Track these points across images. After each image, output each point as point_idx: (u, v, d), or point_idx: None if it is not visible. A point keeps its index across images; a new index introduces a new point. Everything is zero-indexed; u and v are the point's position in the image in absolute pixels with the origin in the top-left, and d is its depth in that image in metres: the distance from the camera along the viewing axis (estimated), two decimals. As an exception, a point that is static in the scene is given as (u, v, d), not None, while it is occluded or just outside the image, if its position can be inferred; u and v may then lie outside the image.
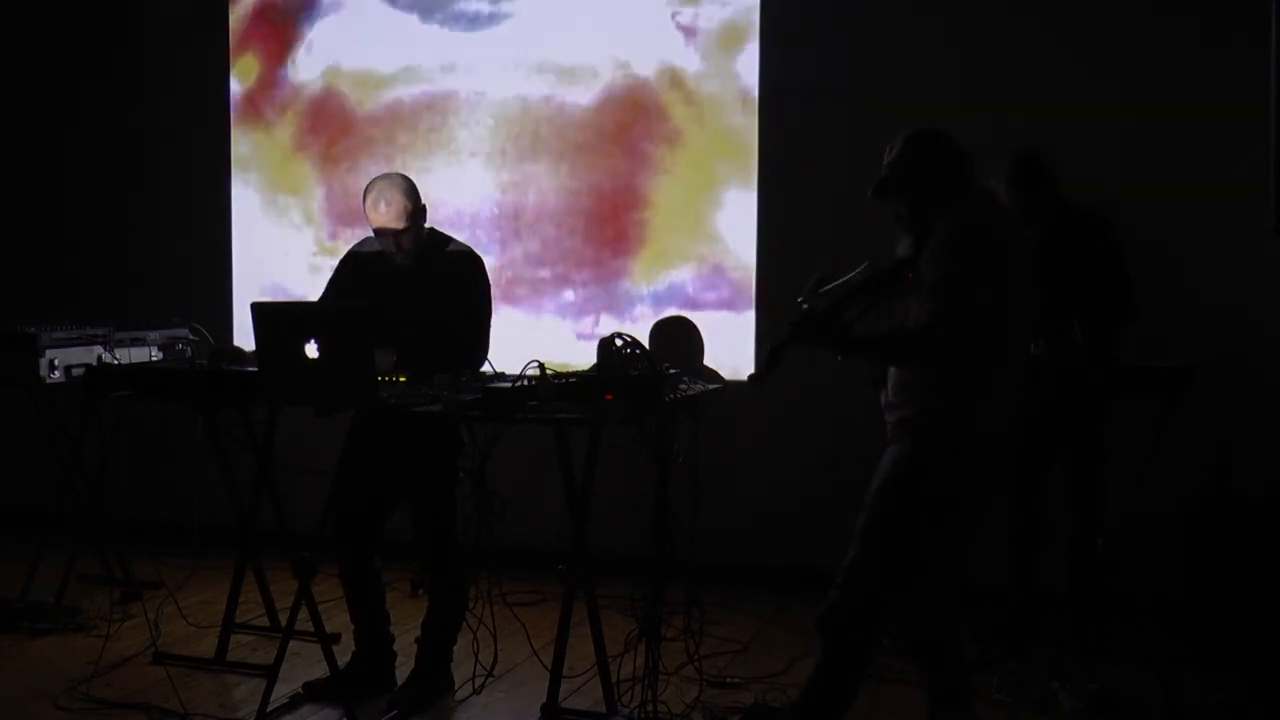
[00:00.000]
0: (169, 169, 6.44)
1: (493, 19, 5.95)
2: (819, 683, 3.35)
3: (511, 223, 5.94)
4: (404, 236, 4.12)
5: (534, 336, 5.78)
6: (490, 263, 4.46)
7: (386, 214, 4.08)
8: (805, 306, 3.56)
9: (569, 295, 5.90)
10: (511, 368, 3.85)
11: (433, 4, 6.02)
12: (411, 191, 4.14)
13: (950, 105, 5.19)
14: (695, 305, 5.72)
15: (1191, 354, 4.36)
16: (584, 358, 4.76)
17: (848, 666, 3.32)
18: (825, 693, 3.34)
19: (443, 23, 6.02)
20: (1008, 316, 3.27)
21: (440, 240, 4.30)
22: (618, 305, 5.82)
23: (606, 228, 5.83)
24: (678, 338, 5.59)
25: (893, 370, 3.40)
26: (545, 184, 5.90)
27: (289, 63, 6.24)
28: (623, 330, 3.78)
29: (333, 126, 6.18)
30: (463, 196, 5.99)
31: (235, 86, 6.32)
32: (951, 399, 3.25)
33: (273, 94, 6.28)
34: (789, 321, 3.24)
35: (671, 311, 5.75)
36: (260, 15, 6.29)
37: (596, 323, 5.84)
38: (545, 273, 5.92)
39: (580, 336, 5.86)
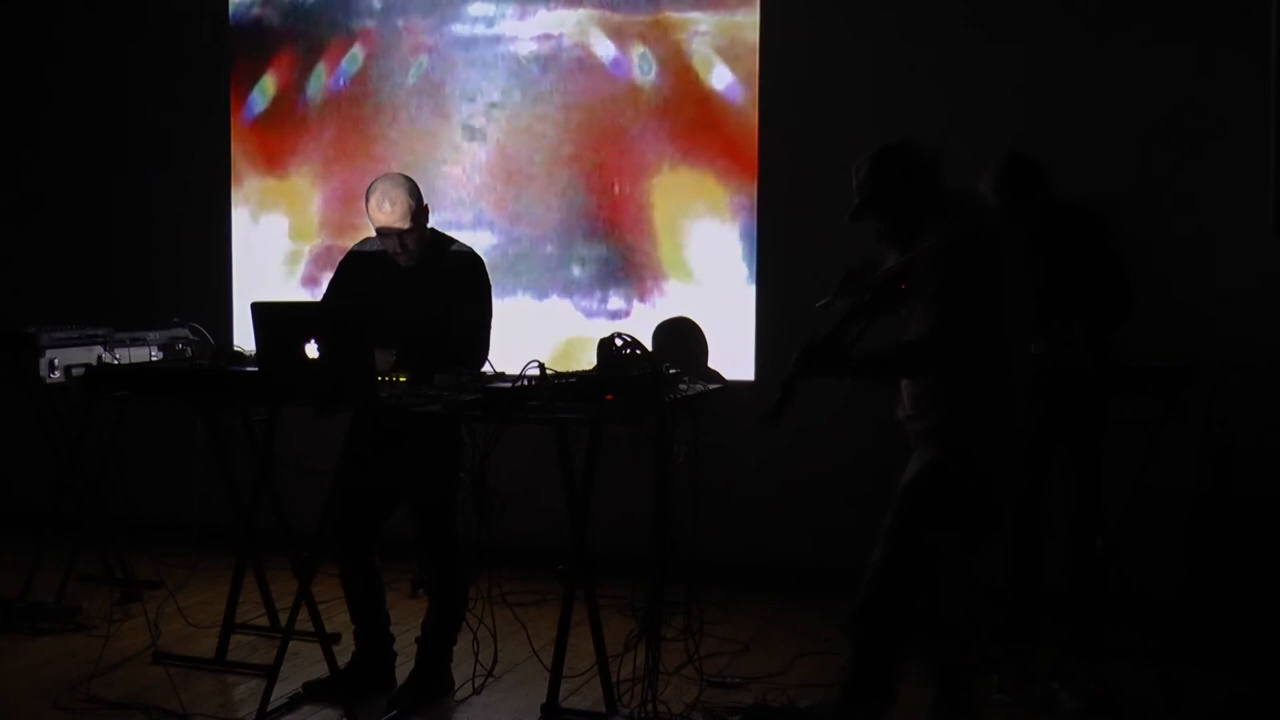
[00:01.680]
0: (169, 169, 6.43)
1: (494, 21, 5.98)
2: (856, 684, 3.36)
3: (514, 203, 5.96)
4: (408, 237, 4.12)
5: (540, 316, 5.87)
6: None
7: (391, 215, 4.08)
8: (829, 308, 3.54)
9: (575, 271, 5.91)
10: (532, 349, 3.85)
11: (433, 21, 6.04)
12: (415, 192, 4.13)
13: (950, 105, 5.20)
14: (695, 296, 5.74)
15: (1192, 353, 4.36)
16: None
17: (882, 663, 3.34)
18: (863, 693, 3.36)
19: (442, 28, 6.04)
20: (1006, 317, 3.29)
21: (443, 241, 4.30)
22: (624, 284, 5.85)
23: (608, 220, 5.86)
24: (681, 339, 5.58)
25: (905, 384, 3.42)
26: (548, 172, 5.92)
27: (288, 62, 6.24)
28: (622, 330, 3.78)
29: (332, 123, 6.18)
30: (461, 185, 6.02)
31: (235, 86, 6.32)
32: (965, 404, 3.29)
33: (273, 91, 6.28)
34: (794, 356, 3.32)
35: (673, 307, 5.76)
36: (261, 17, 6.29)
37: (604, 300, 5.88)
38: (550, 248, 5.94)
39: (588, 314, 5.89)
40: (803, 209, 5.47)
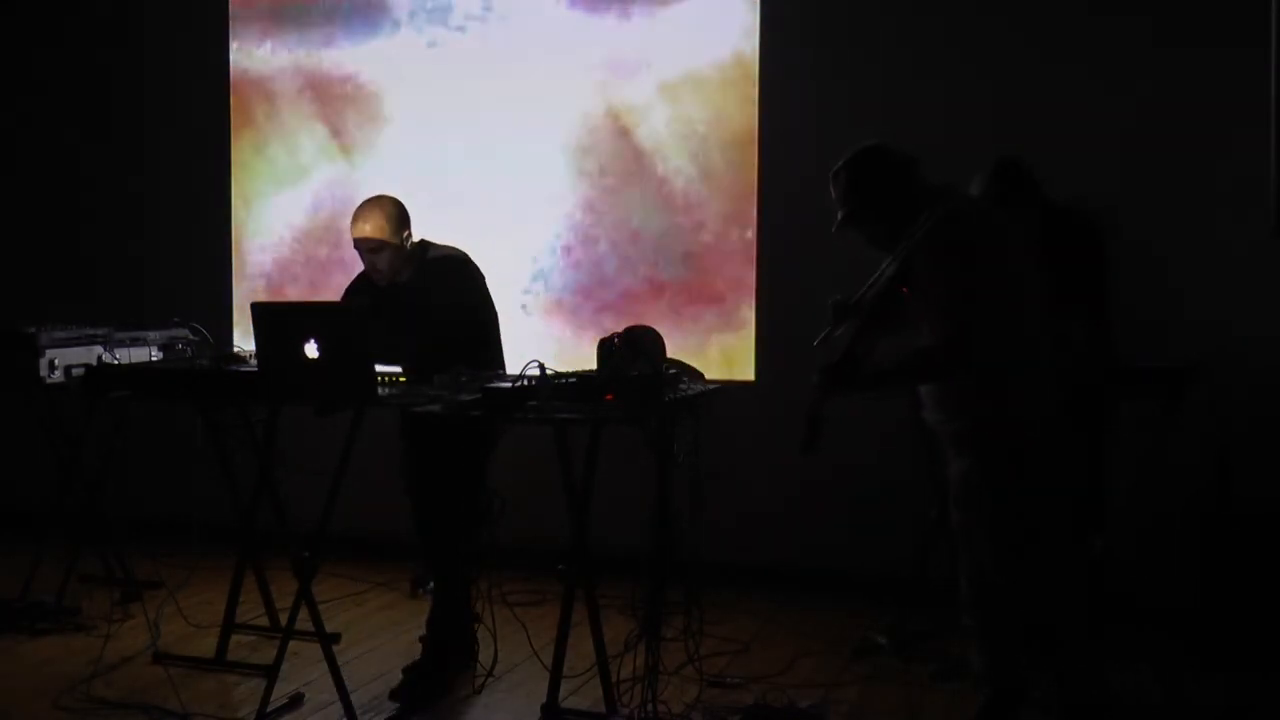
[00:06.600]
0: (169, 169, 6.44)
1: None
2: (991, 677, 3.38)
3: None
4: (379, 257, 4.13)
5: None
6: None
7: (362, 232, 4.12)
8: (830, 339, 3.55)
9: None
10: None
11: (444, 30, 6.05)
12: (394, 214, 4.13)
13: (949, 108, 5.20)
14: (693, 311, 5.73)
15: (1191, 354, 4.36)
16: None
17: (1009, 659, 3.35)
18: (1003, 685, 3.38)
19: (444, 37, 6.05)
20: (1023, 299, 3.25)
21: (425, 248, 4.29)
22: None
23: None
24: (637, 346, 5.57)
25: (925, 387, 3.40)
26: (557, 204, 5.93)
27: (289, 60, 6.26)
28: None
29: (334, 122, 6.19)
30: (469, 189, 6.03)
31: (235, 84, 6.33)
32: (994, 401, 3.25)
33: (274, 91, 6.29)
34: (812, 381, 3.34)
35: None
36: (259, 13, 6.30)
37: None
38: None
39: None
40: (802, 213, 5.47)
